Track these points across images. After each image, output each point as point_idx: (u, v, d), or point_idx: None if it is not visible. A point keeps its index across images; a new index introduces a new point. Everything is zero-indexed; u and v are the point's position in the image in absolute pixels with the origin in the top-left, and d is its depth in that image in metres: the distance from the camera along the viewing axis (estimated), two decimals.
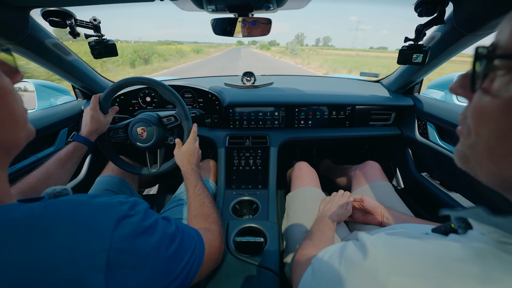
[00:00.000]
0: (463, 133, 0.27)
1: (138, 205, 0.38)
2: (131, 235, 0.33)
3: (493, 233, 0.24)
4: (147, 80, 0.83)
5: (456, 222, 0.31)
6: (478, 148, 0.24)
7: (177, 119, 0.87)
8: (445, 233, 0.31)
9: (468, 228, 0.29)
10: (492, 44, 0.23)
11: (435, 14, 0.75)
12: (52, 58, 0.91)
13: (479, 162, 0.25)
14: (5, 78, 0.30)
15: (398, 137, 1.26)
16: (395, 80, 1.24)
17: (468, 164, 0.27)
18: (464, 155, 0.27)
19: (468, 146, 0.26)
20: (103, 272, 0.29)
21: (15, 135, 0.32)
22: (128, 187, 1.02)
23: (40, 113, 1.02)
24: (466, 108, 0.27)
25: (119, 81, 0.84)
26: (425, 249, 0.26)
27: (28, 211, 0.29)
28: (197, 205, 0.68)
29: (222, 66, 20.14)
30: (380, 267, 0.27)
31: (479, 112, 0.24)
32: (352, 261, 0.30)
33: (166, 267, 0.38)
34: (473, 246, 0.25)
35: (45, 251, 0.27)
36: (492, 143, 0.22)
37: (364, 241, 0.32)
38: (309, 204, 0.88)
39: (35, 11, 0.74)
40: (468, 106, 0.26)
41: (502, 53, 0.22)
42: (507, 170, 0.22)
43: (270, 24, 0.84)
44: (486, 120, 0.23)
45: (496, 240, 0.24)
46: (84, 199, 0.33)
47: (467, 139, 0.26)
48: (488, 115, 0.22)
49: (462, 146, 0.27)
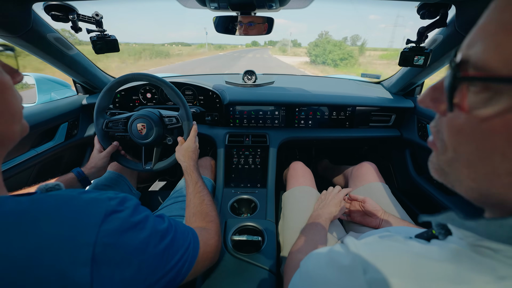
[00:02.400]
0: (437, 148, 0.26)
1: (128, 201, 0.38)
2: (118, 230, 0.33)
3: (469, 237, 0.24)
4: (155, 78, 0.83)
5: (436, 228, 0.31)
6: (456, 165, 0.23)
7: (178, 121, 0.87)
8: (427, 239, 0.32)
9: (448, 234, 0.29)
10: (463, 61, 0.21)
11: (437, 17, 0.75)
12: (53, 52, 0.90)
13: (458, 178, 0.23)
14: (5, 75, 0.33)
15: (398, 139, 1.26)
16: (396, 82, 1.24)
17: (446, 178, 0.26)
18: (442, 170, 0.26)
19: (445, 161, 0.24)
20: (88, 266, 0.29)
21: (11, 127, 0.34)
22: (126, 182, 1.02)
23: (40, 107, 1.02)
24: (438, 121, 0.26)
25: (125, 75, 0.84)
26: (404, 250, 0.27)
27: (16, 205, 0.29)
28: (197, 203, 0.68)
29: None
30: (360, 267, 0.27)
31: (456, 130, 0.22)
32: (335, 262, 0.31)
33: (155, 264, 0.38)
34: (450, 247, 0.25)
35: (31, 243, 0.28)
36: (473, 162, 0.21)
37: (347, 243, 0.32)
38: (304, 204, 0.88)
39: (38, 5, 0.74)
40: (441, 119, 0.25)
41: (475, 74, 0.20)
42: (489, 188, 0.21)
43: (272, 23, 0.84)
44: (465, 139, 0.21)
45: (472, 244, 0.24)
46: (73, 194, 0.34)
47: (444, 155, 0.24)
48: (468, 135, 0.21)
49: (439, 161, 0.26)
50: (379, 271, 0.26)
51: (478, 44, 0.20)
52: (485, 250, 0.22)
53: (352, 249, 0.31)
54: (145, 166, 0.92)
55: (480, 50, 0.19)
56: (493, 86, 0.19)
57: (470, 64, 0.20)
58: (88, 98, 1.20)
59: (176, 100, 0.84)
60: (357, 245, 0.31)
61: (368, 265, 0.27)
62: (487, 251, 0.22)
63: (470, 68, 0.20)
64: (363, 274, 0.27)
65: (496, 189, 0.20)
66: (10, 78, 0.33)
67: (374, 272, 0.26)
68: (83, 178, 0.80)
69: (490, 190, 0.21)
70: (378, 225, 0.78)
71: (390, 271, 0.25)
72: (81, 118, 1.20)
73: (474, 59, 0.20)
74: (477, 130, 0.20)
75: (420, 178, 1.16)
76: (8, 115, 0.33)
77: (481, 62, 0.19)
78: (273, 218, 0.89)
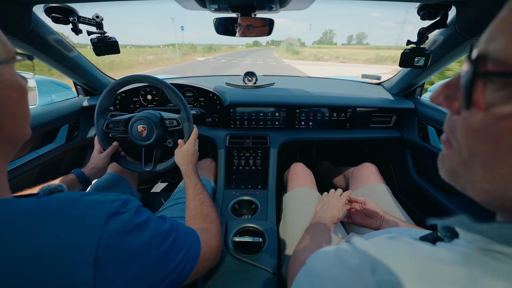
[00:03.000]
0: (452, 148, 0.24)
1: (130, 202, 0.38)
2: (121, 232, 0.34)
3: (479, 241, 0.23)
4: (156, 80, 0.83)
5: (442, 231, 0.30)
6: (472, 166, 0.22)
7: (179, 124, 0.87)
8: (432, 241, 0.31)
9: (454, 237, 0.29)
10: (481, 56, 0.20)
11: (437, 18, 0.75)
12: (54, 54, 0.91)
13: (472, 180, 0.22)
14: (24, 80, 0.35)
15: (398, 139, 1.26)
16: (396, 83, 1.24)
17: (457, 180, 0.25)
18: (454, 171, 0.25)
19: (460, 162, 0.23)
20: (91, 268, 0.29)
21: (25, 130, 0.36)
22: (127, 184, 1.02)
23: (41, 109, 1.02)
24: (451, 120, 0.25)
25: (128, 77, 0.84)
26: (413, 252, 0.26)
27: (19, 207, 0.30)
28: (197, 204, 0.68)
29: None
30: (369, 267, 0.27)
31: (472, 129, 0.21)
32: (343, 262, 0.31)
33: (157, 265, 0.38)
34: (459, 250, 0.24)
35: (34, 245, 0.28)
36: (490, 163, 0.20)
37: (355, 243, 0.32)
38: (304, 205, 0.88)
39: (38, 7, 0.74)
40: (455, 118, 0.24)
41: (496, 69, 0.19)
42: (504, 190, 0.20)
43: (273, 24, 0.84)
44: (482, 139, 0.21)
45: (482, 248, 0.23)
46: (75, 196, 0.34)
47: (458, 155, 0.23)
48: (485, 134, 0.20)
49: (452, 162, 0.25)
50: (389, 272, 0.25)
51: (499, 38, 0.19)
52: (496, 254, 0.22)
53: (360, 249, 0.30)
54: (145, 168, 0.92)
55: (502, 44, 0.18)
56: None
57: (490, 59, 0.19)
58: (89, 100, 1.20)
59: (177, 102, 0.84)
60: (365, 245, 0.30)
61: (377, 265, 0.26)
62: (499, 256, 0.21)
63: (490, 64, 0.19)
64: (372, 275, 0.26)
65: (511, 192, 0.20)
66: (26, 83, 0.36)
67: (384, 273, 0.25)
68: (83, 179, 0.81)
69: (506, 193, 0.20)
70: (379, 226, 0.78)
71: (400, 273, 0.24)
72: (81, 120, 1.20)
73: (494, 54, 0.19)
74: (494, 129, 0.19)
75: (420, 179, 1.16)
76: (25, 119, 0.36)
77: (503, 57, 0.18)
78: (274, 219, 0.89)
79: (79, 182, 0.79)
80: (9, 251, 0.27)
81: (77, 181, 0.79)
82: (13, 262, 0.27)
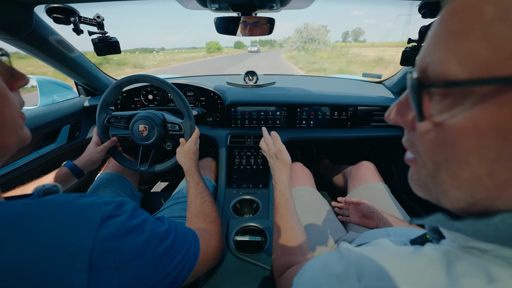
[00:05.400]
0: (417, 163, 0.25)
1: (125, 204, 0.37)
2: (116, 235, 0.33)
3: (459, 239, 0.24)
4: (162, 81, 0.82)
5: (430, 232, 0.31)
6: (439, 176, 0.22)
7: (181, 129, 0.86)
8: (421, 243, 0.31)
9: (441, 238, 0.29)
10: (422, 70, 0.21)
11: (439, 16, 0.75)
12: (55, 54, 0.91)
13: (443, 190, 0.23)
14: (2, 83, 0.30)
15: (399, 138, 1.25)
16: (398, 81, 1.24)
17: (430, 193, 0.25)
18: (425, 185, 0.25)
19: (428, 175, 0.24)
20: (85, 273, 0.28)
21: (9, 139, 0.32)
22: (128, 184, 1.02)
23: (42, 110, 1.03)
24: (409, 135, 0.25)
25: (136, 75, 0.83)
26: (398, 257, 0.26)
27: (10, 211, 0.28)
28: (198, 204, 0.68)
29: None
30: (355, 274, 0.27)
31: (428, 140, 0.22)
32: (329, 270, 0.30)
33: (153, 267, 0.37)
34: (442, 248, 0.24)
35: (26, 250, 0.27)
36: (454, 169, 0.21)
37: (341, 250, 0.32)
38: (303, 203, 0.88)
39: (40, 7, 0.74)
40: (412, 133, 0.25)
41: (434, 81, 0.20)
42: (472, 193, 0.21)
43: (273, 23, 0.84)
44: (440, 148, 0.21)
45: (463, 246, 0.23)
46: (68, 199, 0.33)
47: (424, 168, 0.24)
48: (441, 143, 0.21)
49: (420, 176, 0.25)
50: (374, 278, 0.25)
51: (434, 52, 0.20)
52: (473, 250, 0.22)
53: (346, 255, 0.30)
54: (139, 167, 0.92)
55: (437, 57, 0.20)
56: (454, 90, 0.19)
57: (430, 73, 0.21)
58: (90, 100, 1.20)
59: (182, 108, 0.84)
60: (351, 251, 0.30)
61: (363, 272, 0.26)
62: (476, 252, 0.22)
63: (430, 77, 0.21)
64: (358, 282, 0.26)
65: (479, 194, 0.20)
66: (5, 86, 0.31)
67: (370, 279, 0.25)
68: (77, 172, 0.80)
69: (474, 197, 0.21)
70: (377, 226, 0.78)
71: (386, 279, 0.24)
72: (83, 120, 1.20)
73: (432, 67, 0.20)
74: (446, 137, 0.20)
75: None
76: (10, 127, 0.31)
77: (439, 69, 0.20)
78: None
79: (73, 175, 0.79)
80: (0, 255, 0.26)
81: (71, 174, 0.78)
82: (4, 267, 0.25)
